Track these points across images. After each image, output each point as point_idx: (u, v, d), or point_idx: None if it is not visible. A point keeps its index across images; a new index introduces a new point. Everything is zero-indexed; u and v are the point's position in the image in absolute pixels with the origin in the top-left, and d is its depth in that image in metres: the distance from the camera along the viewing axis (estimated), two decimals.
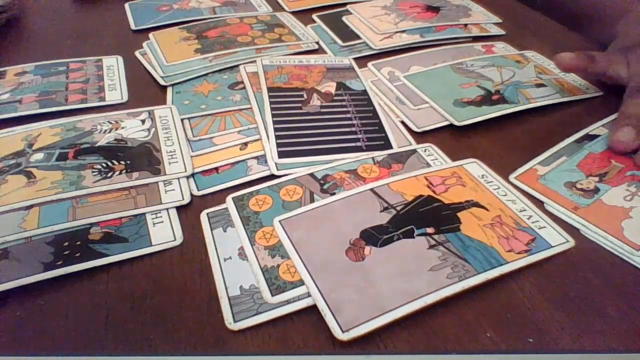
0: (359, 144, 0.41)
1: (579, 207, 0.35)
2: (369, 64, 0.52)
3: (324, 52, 0.55)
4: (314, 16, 0.62)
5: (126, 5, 0.65)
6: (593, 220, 0.34)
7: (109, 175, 0.37)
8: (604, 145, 0.40)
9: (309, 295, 0.29)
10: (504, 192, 0.36)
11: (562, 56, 0.46)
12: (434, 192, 0.36)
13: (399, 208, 0.34)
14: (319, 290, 0.29)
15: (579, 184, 0.36)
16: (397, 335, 0.27)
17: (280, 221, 0.33)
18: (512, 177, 0.38)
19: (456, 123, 0.43)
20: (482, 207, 0.34)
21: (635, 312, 0.29)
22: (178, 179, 0.37)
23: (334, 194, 0.35)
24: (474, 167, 0.38)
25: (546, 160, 0.39)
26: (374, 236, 0.32)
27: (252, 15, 0.62)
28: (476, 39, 0.58)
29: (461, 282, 0.29)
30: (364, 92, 0.47)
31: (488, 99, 0.46)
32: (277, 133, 0.41)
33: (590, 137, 0.41)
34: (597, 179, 0.37)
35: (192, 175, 0.38)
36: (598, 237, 0.33)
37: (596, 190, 0.36)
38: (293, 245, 0.31)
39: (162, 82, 0.49)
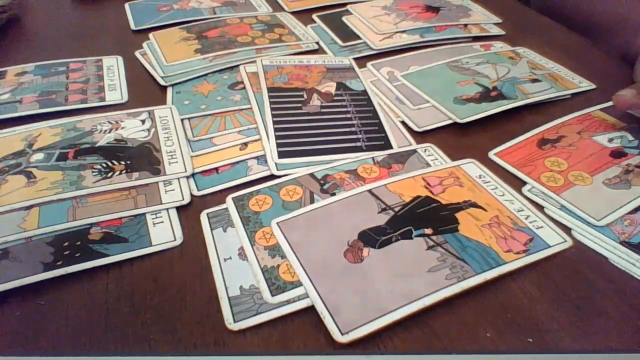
0: (359, 144, 0.41)
1: None
2: (368, 64, 0.52)
3: (324, 52, 0.55)
4: (314, 16, 0.62)
5: (126, 5, 0.65)
6: None
7: (109, 175, 0.37)
8: None
9: (308, 295, 0.29)
10: (501, 192, 0.36)
11: (621, 96, 0.41)
12: (431, 192, 0.36)
13: (397, 209, 0.34)
14: (317, 292, 0.29)
15: None
16: (397, 335, 0.27)
17: (278, 223, 0.33)
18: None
19: (459, 120, 0.43)
20: (480, 207, 0.35)
21: (635, 312, 0.29)
22: (178, 179, 0.37)
23: (334, 194, 0.35)
24: (471, 167, 0.38)
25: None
26: (372, 237, 0.32)
27: (252, 16, 0.62)
28: (476, 39, 0.58)
29: (460, 282, 0.29)
30: (364, 92, 0.47)
31: (487, 95, 0.46)
32: (277, 133, 0.41)
33: None
34: None
35: (192, 175, 0.38)
36: None
37: None
38: (291, 247, 0.31)
39: (162, 82, 0.49)
